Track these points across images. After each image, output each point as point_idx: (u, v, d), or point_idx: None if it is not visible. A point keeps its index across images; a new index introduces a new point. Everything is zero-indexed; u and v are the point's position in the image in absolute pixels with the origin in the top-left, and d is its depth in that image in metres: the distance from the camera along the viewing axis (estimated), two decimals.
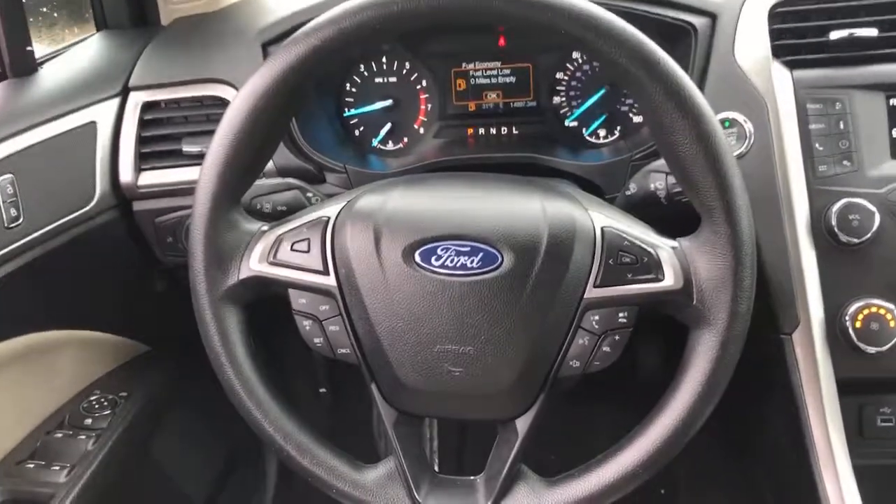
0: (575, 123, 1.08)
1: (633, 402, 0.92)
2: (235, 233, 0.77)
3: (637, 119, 1.06)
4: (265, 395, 0.77)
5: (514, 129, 1.09)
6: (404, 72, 1.09)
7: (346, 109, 1.11)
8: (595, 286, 0.71)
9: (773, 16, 0.92)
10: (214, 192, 0.74)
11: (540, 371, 0.73)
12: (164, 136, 1.02)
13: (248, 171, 0.77)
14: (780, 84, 0.91)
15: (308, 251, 0.75)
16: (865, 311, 0.86)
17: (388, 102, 1.10)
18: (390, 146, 1.12)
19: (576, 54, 1.06)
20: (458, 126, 1.10)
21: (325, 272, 0.74)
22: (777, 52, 0.92)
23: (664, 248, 0.72)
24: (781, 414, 0.94)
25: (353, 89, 1.11)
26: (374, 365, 0.75)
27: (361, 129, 1.12)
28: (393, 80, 1.10)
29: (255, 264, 0.76)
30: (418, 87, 1.10)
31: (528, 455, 0.75)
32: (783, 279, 0.90)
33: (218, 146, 0.73)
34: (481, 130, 1.09)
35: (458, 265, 0.71)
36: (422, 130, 1.11)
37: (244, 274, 0.76)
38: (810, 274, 0.89)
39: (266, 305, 0.78)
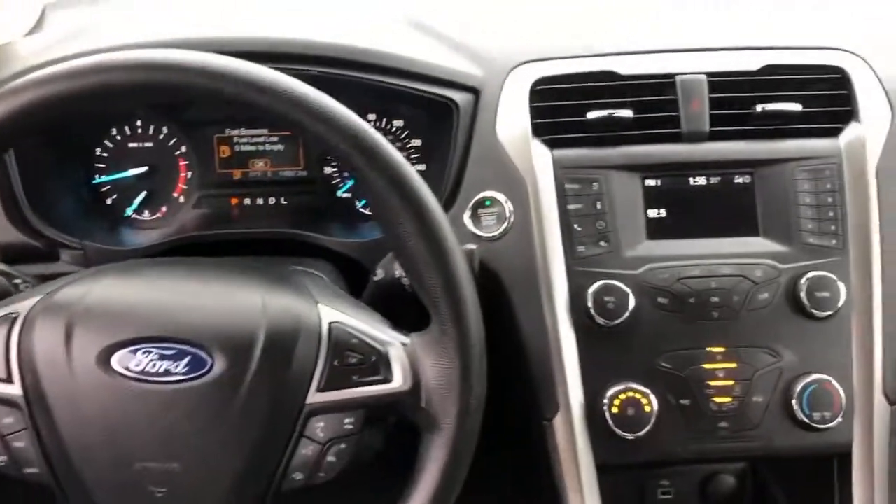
0: (348, 195, 1.03)
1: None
2: None
3: None
4: None
5: (282, 199, 1.02)
6: (161, 136, 1.01)
7: (97, 175, 1.01)
8: (319, 390, 0.65)
9: (535, 93, 0.91)
10: None
11: (258, 486, 0.65)
12: None
13: None
14: (541, 163, 0.89)
15: None
16: (623, 396, 0.84)
17: (144, 169, 1.00)
18: (147, 216, 1.02)
19: None
20: (221, 196, 1.02)
21: (9, 380, 0.64)
22: (538, 130, 0.91)
23: (395, 345, 0.67)
24: (544, 500, 0.91)
25: (105, 154, 1.01)
26: (69, 487, 0.65)
27: (114, 197, 1.02)
28: (149, 145, 1.01)
29: None
30: (177, 153, 1.01)
31: None
32: (543, 363, 0.87)
33: None
34: (246, 201, 1.02)
35: (160, 371, 0.63)
36: (182, 199, 1.02)
37: None
38: (570, 358, 0.87)
39: None
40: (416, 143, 1.01)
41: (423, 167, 1.00)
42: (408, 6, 1.03)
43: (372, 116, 1.00)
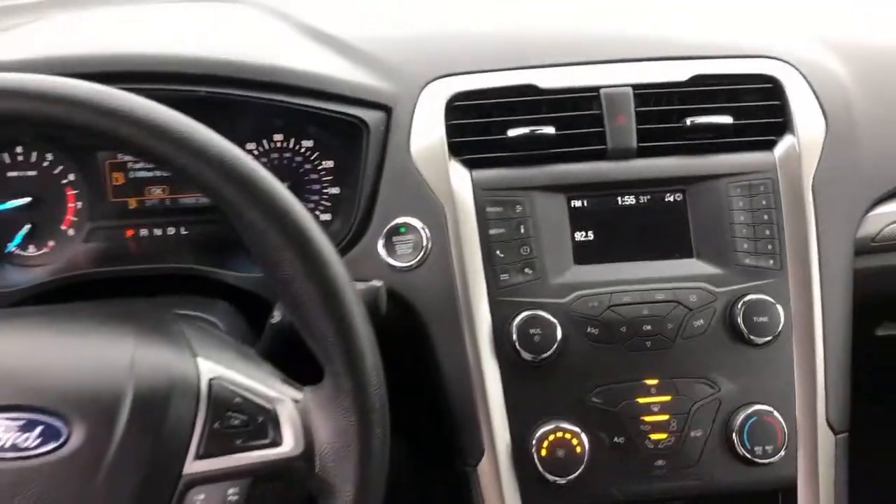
0: None
1: None
2: None
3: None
4: None
5: (182, 229, 0.93)
6: (46, 164, 0.91)
7: None
8: (198, 457, 0.57)
9: (451, 110, 0.84)
10: None
11: None
12: None
13: None
14: (459, 185, 0.83)
15: None
16: (552, 437, 0.78)
17: (27, 200, 0.91)
18: (32, 251, 0.92)
19: (250, 145, 0.93)
20: (115, 227, 0.92)
21: None
22: (456, 150, 0.84)
23: (285, 402, 0.59)
24: None
25: None
26: None
27: None
28: (32, 173, 0.91)
29: None
30: (64, 181, 0.92)
31: None
32: (466, 403, 0.80)
33: None
34: (143, 232, 0.93)
35: (6, 445, 0.55)
36: (71, 232, 0.92)
37: None
38: (494, 396, 0.80)
39: None
40: (329, 164, 0.93)
41: (336, 190, 0.93)
42: (307, 15, 0.95)
43: (278, 137, 0.92)
